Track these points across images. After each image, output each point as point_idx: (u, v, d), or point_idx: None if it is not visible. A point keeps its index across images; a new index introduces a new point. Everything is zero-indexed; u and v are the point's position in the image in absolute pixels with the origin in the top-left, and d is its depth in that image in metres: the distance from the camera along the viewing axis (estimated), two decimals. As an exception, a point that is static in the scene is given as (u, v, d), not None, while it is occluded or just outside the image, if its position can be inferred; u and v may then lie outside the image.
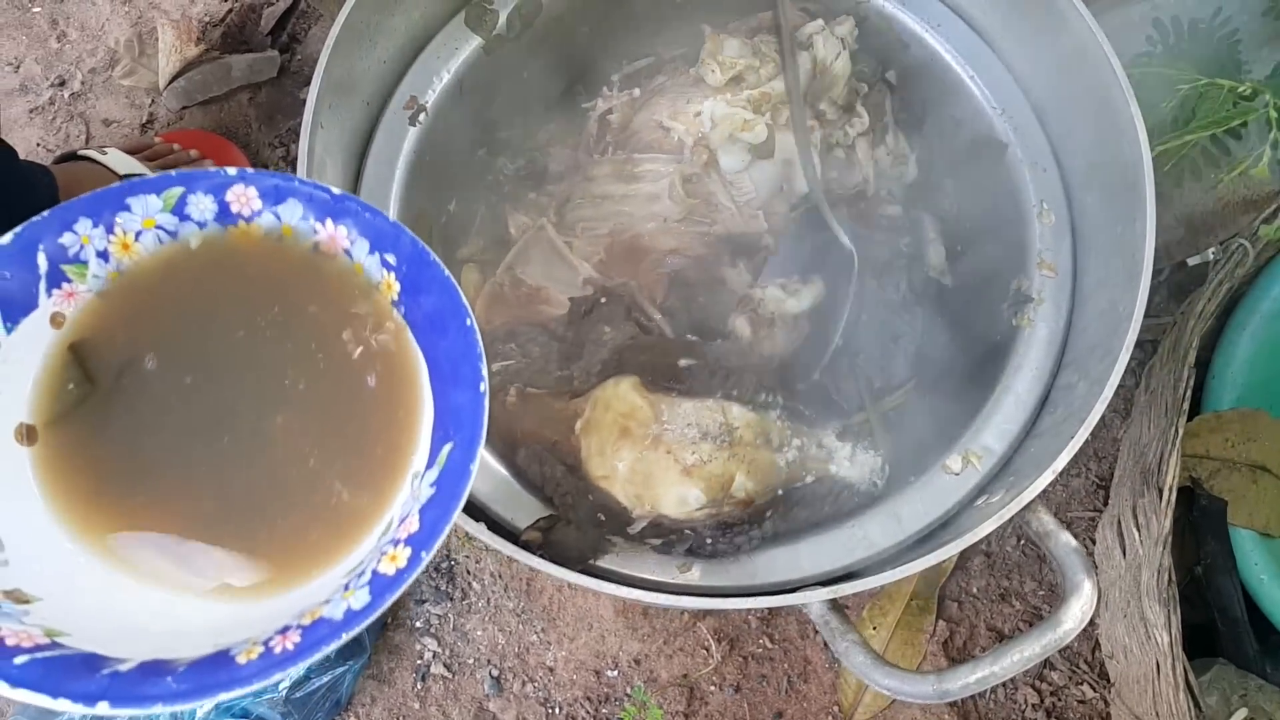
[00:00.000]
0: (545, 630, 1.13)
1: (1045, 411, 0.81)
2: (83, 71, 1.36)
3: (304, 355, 0.60)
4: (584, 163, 0.94)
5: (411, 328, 0.59)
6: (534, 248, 0.88)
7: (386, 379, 0.59)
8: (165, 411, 0.59)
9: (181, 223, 0.60)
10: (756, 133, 0.87)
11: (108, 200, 0.59)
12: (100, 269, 0.60)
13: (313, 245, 0.61)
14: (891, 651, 1.14)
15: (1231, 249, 1.00)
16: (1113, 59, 0.78)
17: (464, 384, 0.56)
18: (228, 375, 0.60)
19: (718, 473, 0.78)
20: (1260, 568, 1.01)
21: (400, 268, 0.59)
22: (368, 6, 0.82)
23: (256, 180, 0.60)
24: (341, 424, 0.59)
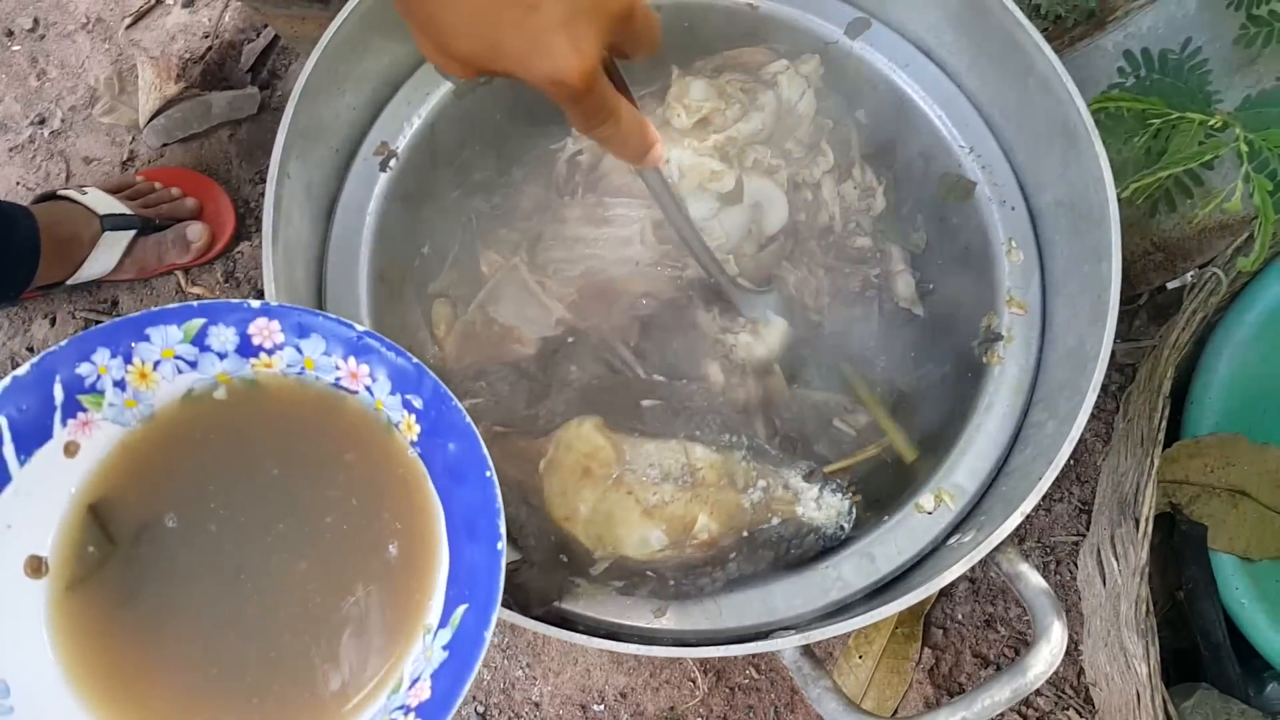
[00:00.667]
0: (530, 665, 1.13)
1: (1016, 450, 0.82)
2: (63, 109, 1.37)
3: (321, 502, 0.60)
4: (554, 204, 0.94)
5: (430, 473, 0.59)
6: (506, 287, 0.88)
7: (403, 526, 0.59)
8: (182, 573, 0.59)
9: (202, 353, 0.61)
10: (724, 183, 0.88)
11: (127, 330, 0.59)
12: (117, 398, 0.60)
13: (334, 380, 0.61)
14: (878, 680, 1.14)
15: (1205, 278, 1.00)
16: (1078, 99, 0.78)
17: (481, 539, 0.55)
18: (245, 527, 0.60)
19: (680, 514, 0.78)
20: (1241, 592, 1.01)
21: (421, 410, 0.59)
22: (336, 55, 0.82)
23: (280, 314, 0.60)
24: (356, 574, 0.59)
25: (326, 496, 0.60)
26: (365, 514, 0.60)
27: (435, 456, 0.59)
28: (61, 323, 1.26)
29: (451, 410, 0.58)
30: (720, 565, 0.78)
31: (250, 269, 1.29)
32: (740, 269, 0.91)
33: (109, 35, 1.41)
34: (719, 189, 0.88)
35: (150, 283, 1.28)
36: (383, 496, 0.60)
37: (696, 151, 0.88)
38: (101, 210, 1.19)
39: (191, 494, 0.60)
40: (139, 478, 0.60)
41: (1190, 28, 1.03)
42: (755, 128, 0.90)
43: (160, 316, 0.59)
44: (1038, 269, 0.86)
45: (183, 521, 0.59)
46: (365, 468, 0.61)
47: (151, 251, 1.23)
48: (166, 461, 0.61)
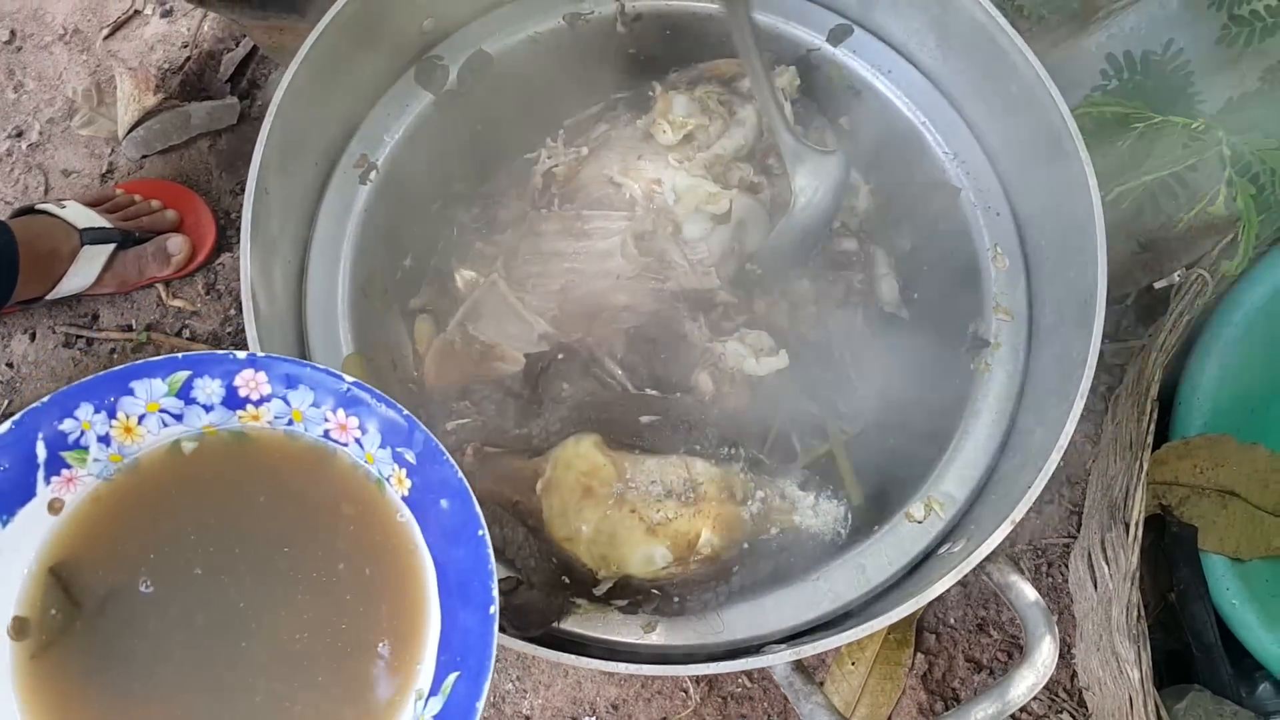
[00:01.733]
0: (520, 678, 1.12)
1: (1005, 457, 0.81)
2: (40, 122, 1.36)
3: (308, 562, 0.58)
4: (530, 217, 0.93)
5: (423, 530, 0.58)
6: (486, 303, 0.88)
7: (393, 588, 0.58)
8: (156, 640, 0.57)
9: (187, 406, 0.60)
10: (720, 205, 0.88)
11: (110, 384, 0.58)
12: (102, 453, 0.59)
13: (323, 433, 0.60)
14: (871, 687, 1.14)
15: (1191, 279, 1.00)
16: (1061, 105, 0.78)
17: (474, 603, 0.54)
18: (226, 588, 0.58)
19: (684, 530, 0.77)
20: (1232, 592, 1.01)
21: (413, 464, 0.58)
22: (314, 68, 0.81)
23: (267, 365, 0.59)
24: (343, 638, 0.57)
25: (314, 556, 0.59)
26: (354, 574, 0.58)
27: (428, 513, 0.58)
28: (41, 338, 1.25)
29: (444, 466, 0.56)
30: (724, 579, 0.78)
31: (232, 280, 1.28)
32: (722, 283, 0.90)
33: (86, 46, 1.39)
34: (715, 210, 0.88)
35: (131, 296, 1.27)
36: (373, 555, 0.58)
37: (690, 173, 0.88)
38: (81, 224, 1.18)
39: (170, 554, 0.58)
40: (112, 537, 0.59)
41: (1172, 28, 1.03)
42: (738, 144, 0.90)
43: (144, 370, 0.58)
44: (1024, 275, 0.86)
45: (158, 584, 0.58)
46: (355, 525, 0.59)
47: (132, 265, 1.22)
48: (144, 519, 0.59)
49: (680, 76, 0.95)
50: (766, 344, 0.90)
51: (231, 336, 1.25)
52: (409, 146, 0.90)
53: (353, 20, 0.81)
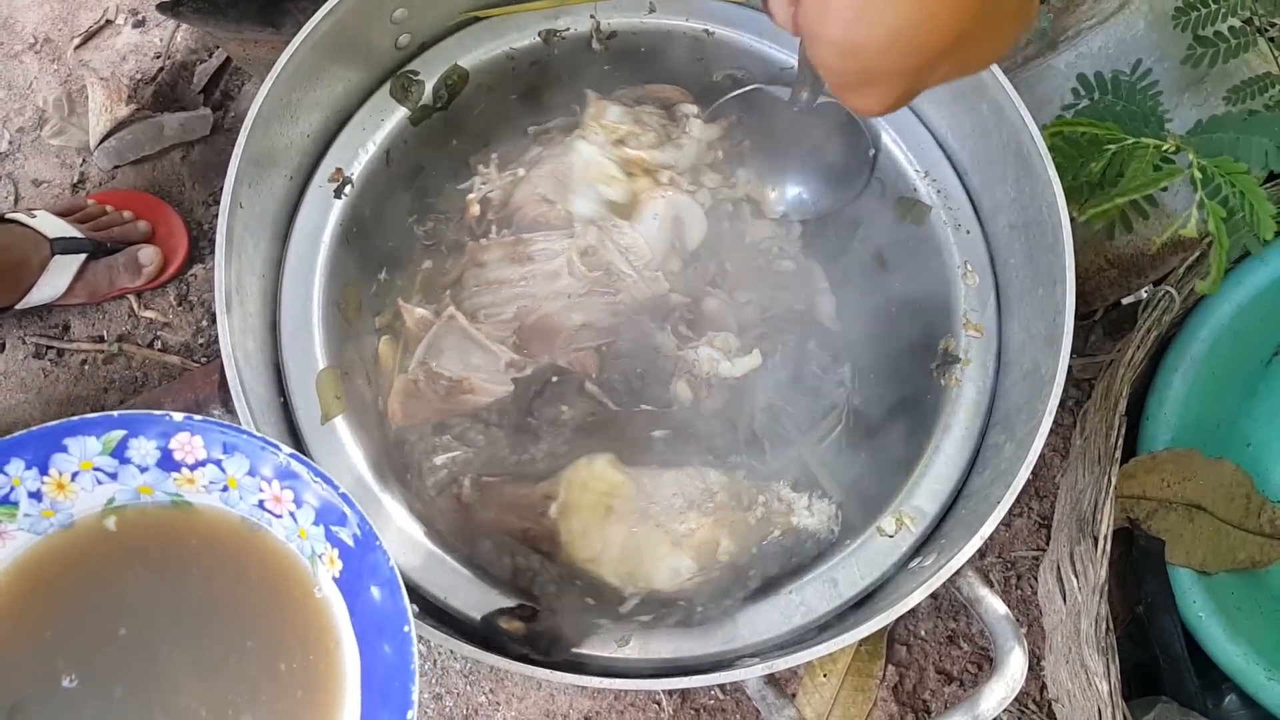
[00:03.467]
0: (494, 691, 1.12)
1: (975, 472, 0.82)
2: (10, 131, 1.34)
3: (235, 647, 0.57)
4: (470, 248, 0.92)
5: (351, 614, 0.57)
6: (445, 338, 0.87)
7: (314, 679, 0.56)
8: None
9: (121, 465, 0.58)
10: (615, 190, 0.87)
11: (43, 440, 0.57)
12: (33, 508, 0.58)
13: (258, 503, 0.59)
14: (843, 699, 1.14)
15: (1158, 296, 1.02)
16: (1030, 124, 0.79)
17: (393, 706, 0.53)
18: (147, 672, 0.56)
19: (706, 539, 0.79)
20: (1198, 605, 1.02)
21: (347, 545, 0.57)
22: (289, 82, 0.81)
23: (203, 430, 0.58)
24: (262, 710, 0.56)
25: (242, 639, 0.57)
26: (278, 660, 0.57)
27: (357, 599, 0.56)
28: (11, 349, 1.23)
29: (375, 551, 0.55)
30: (741, 584, 0.78)
31: (203, 291, 1.27)
32: (671, 285, 0.91)
33: (57, 56, 1.38)
34: (609, 194, 0.88)
35: (102, 307, 1.26)
36: (296, 643, 0.57)
37: (603, 153, 0.88)
38: (51, 233, 1.17)
39: (93, 640, 0.56)
40: (32, 623, 0.56)
41: (1139, 48, 1.05)
42: (669, 160, 0.90)
43: (79, 427, 0.57)
44: (993, 292, 0.87)
45: (79, 677, 0.56)
46: (283, 606, 0.58)
47: (103, 275, 1.21)
48: (69, 595, 0.57)
49: (625, 94, 0.96)
50: (734, 344, 0.91)
51: (204, 348, 1.24)
52: (383, 161, 0.90)
53: (328, 35, 0.81)
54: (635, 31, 0.95)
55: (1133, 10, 1.05)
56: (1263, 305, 1.04)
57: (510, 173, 0.94)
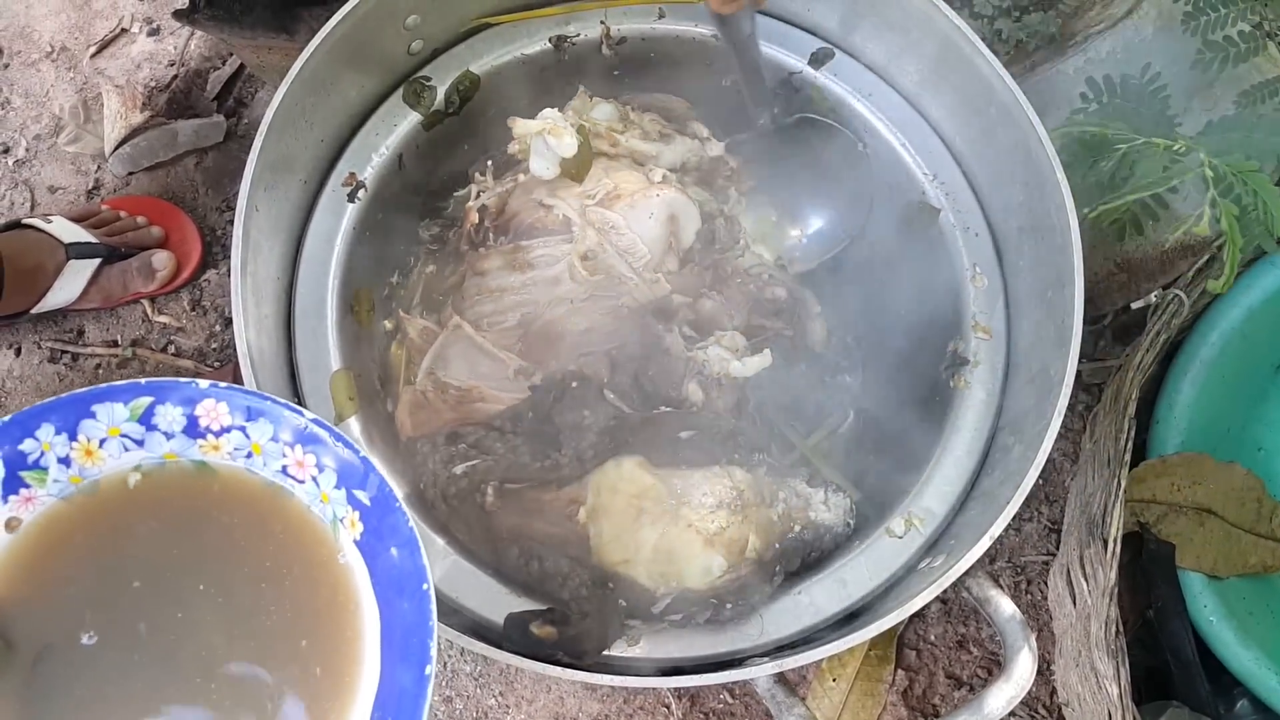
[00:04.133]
0: (503, 694, 1.12)
1: (984, 474, 0.82)
2: (27, 138, 1.36)
3: (258, 607, 0.57)
4: (470, 257, 0.93)
5: (372, 577, 0.57)
6: (452, 348, 0.87)
7: (335, 638, 0.57)
8: (88, 681, 0.56)
9: (149, 432, 0.59)
10: (565, 144, 0.87)
11: (72, 406, 0.58)
12: (62, 474, 0.58)
13: (281, 468, 0.59)
14: (852, 704, 1.14)
15: (1168, 299, 1.01)
16: (1039, 127, 0.79)
17: (412, 661, 0.53)
18: (168, 629, 0.57)
19: (735, 537, 0.79)
20: (1209, 609, 1.02)
21: (367, 507, 0.57)
22: (303, 89, 0.82)
23: (228, 396, 0.59)
24: (275, 689, 0.56)
25: (263, 600, 0.58)
26: (300, 619, 0.57)
27: (377, 560, 0.57)
28: (27, 353, 1.25)
29: (396, 513, 0.56)
30: (768, 580, 0.79)
31: (217, 297, 1.28)
32: (672, 286, 0.91)
33: (74, 64, 1.40)
34: (559, 149, 0.87)
35: (116, 311, 1.27)
36: (320, 601, 0.58)
37: (560, 113, 0.89)
38: (66, 239, 1.18)
39: (115, 594, 0.57)
40: (59, 574, 0.57)
41: (1148, 52, 1.05)
42: (646, 150, 0.91)
43: (107, 394, 0.58)
44: (1002, 294, 0.87)
45: (99, 631, 0.56)
46: (306, 569, 0.58)
47: (117, 280, 1.22)
48: (95, 551, 0.58)
49: (633, 100, 0.97)
50: (740, 343, 0.91)
51: (217, 352, 1.25)
52: (395, 166, 0.91)
53: (342, 41, 0.82)
54: (645, 37, 0.96)
55: (1141, 15, 1.05)
56: (1273, 309, 1.04)
57: (510, 179, 0.94)
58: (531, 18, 0.94)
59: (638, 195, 0.89)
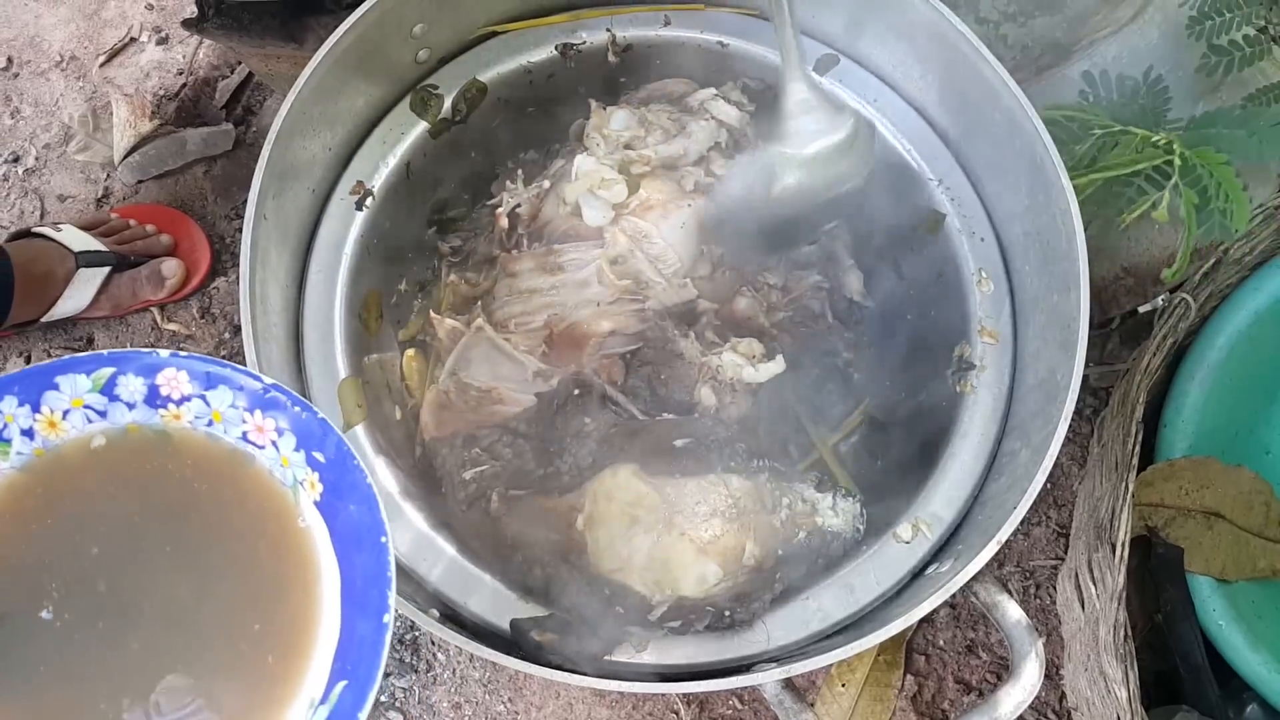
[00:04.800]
0: (512, 700, 1.12)
1: (991, 478, 0.82)
2: (37, 147, 1.37)
3: (220, 566, 0.58)
4: (502, 259, 0.94)
5: (331, 535, 0.58)
6: (474, 349, 0.87)
7: (294, 594, 0.58)
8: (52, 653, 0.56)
9: (111, 403, 0.59)
10: (614, 192, 0.88)
11: (35, 378, 0.58)
12: (25, 446, 0.59)
13: (241, 435, 0.60)
14: (861, 709, 1.14)
15: (1175, 303, 1.01)
16: (1044, 133, 0.79)
17: (370, 612, 0.54)
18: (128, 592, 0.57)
19: (731, 545, 0.79)
20: (1218, 613, 1.01)
21: (324, 466, 0.58)
22: (311, 97, 0.82)
23: (187, 365, 0.59)
24: (237, 647, 0.57)
25: (226, 564, 0.58)
26: (262, 582, 0.58)
27: (337, 518, 0.57)
28: (36, 360, 1.25)
29: (353, 470, 0.57)
30: (768, 588, 0.79)
31: (226, 304, 1.29)
32: (700, 291, 0.92)
33: (83, 73, 1.41)
34: (609, 198, 0.89)
35: (126, 320, 1.27)
36: (281, 563, 0.58)
37: (599, 161, 0.89)
38: (76, 247, 1.19)
39: (76, 560, 0.58)
40: (17, 539, 0.58)
41: (1153, 57, 1.05)
42: (676, 151, 0.91)
43: (69, 365, 0.58)
44: (1008, 299, 0.87)
45: (59, 595, 0.57)
46: (268, 532, 0.59)
47: (126, 289, 1.23)
48: (56, 517, 0.59)
49: (631, 97, 0.97)
50: (758, 350, 0.91)
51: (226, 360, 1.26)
52: (403, 174, 0.92)
53: (350, 50, 0.83)
54: (651, 44, 0.96)
55: (1146, 20, 1.05)
56: (1280, 313, 1.04)
57: (537, 186, 0.95)
58: (538, 26, 0.94)
59: (670, 205, 0.89)
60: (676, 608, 0.78)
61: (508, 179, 0.98)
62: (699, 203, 0.90)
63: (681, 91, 0.98)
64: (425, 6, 0.87)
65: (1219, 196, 0.88)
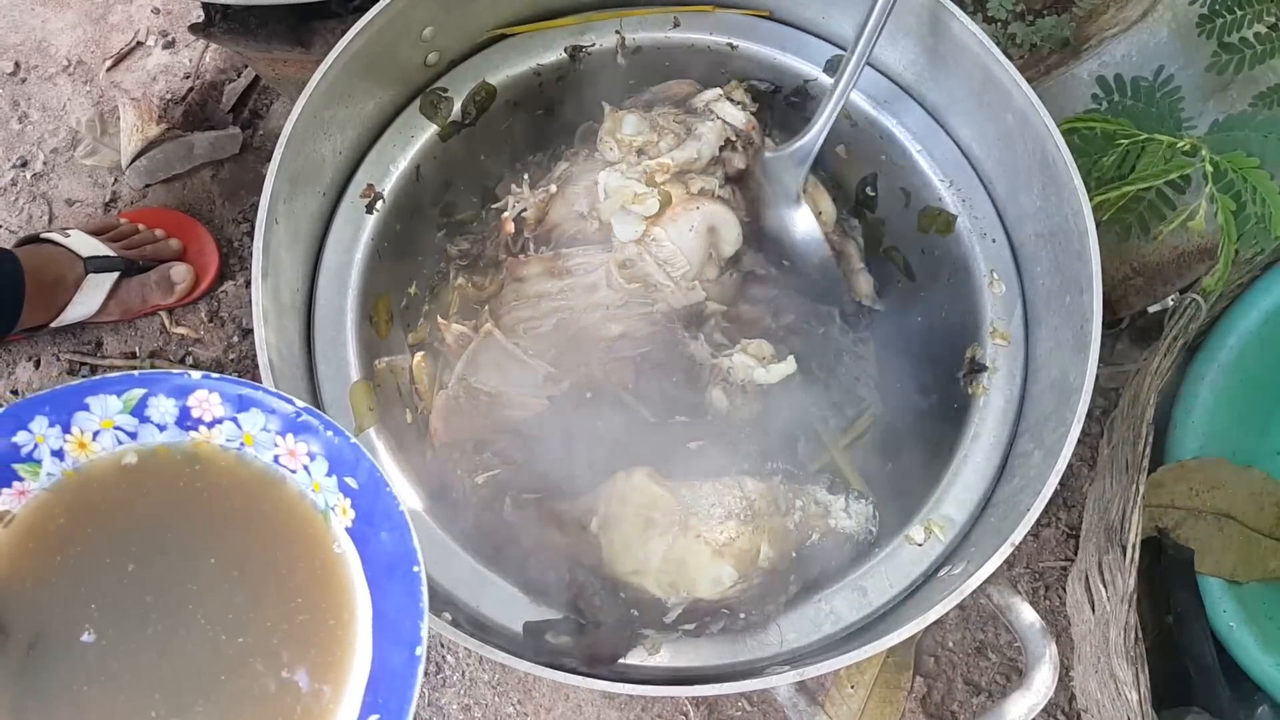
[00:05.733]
0: (521, 702, 1.12)
1: (1003, 480, 0.82)
2: (45, 152, 1.37)
3: (248, 594, 0.58)
4: (509, 264, 0.94)
5: (362, 560, 0.58)
6: (483, 354, 0.87)
7: (327, 624, 0.57)
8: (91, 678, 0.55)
9: (141, 424, 0.59)
10: (647, 205, 0.88)
11: (66, 399, 0.58)
12: (55, 467, 0.59)
13: (273, 458, 0.59)
14: (870, 711, 1.14)
15: (1185, 304, 1.01)
16: (1055, 133, 0.79)
17: (402, 643, 0.54)
18: (163, 618, 0.57)
19: (746, 547, 0.79)
20: (1229, 615, 1.01)
21: (357, 492, 0.57)
22: (322, 101, 0.82)
23: (219, 386, 0.59)
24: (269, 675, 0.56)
25: (259, 588, 0.58)
26: (295, 607, 0.57)
27: (368, 545, 0.57)
28: (46, 365, 1.25)
29: (386, 497, 0.56)
30: (783, 590, 0.79)
31: (234, 308, 1.29)
32: (708, 293, 0.92)
33: (90, 77, 1.41)
34: (642, 211, 0.89)
35: (135, 324, 1.27)
36: (314, 589, 0.58)
37: (624, 175, 0.89)
38: (85, 252, 1.19)
39: (108, 585, 0.57)
40: (50, 563, 0.57)
41: (1163, 55, 1.05)
42: (690, 156, 0.91)
43: (100, 386, 0.58)
44: (1020, 300, 0.87)
45: (97, 622, 0.56)
46: (300, 557, 0.58)
47: (135, 293, 1.23)
48: (88, 541, 0.58)
49: (635, 100, 0.97)
50: (767, 351, 0.92)
51: (235, 363, 1.26)
52: (413, 177, 0.91)
53: (359, 54, 0.83)
54: (660, 46, 0.96)
55: (1156, 18, 1.05)
56: (1290, 313, 1.04)
57: (543, 190, 0.95)
58: (547, 28, 0.94)
59: (679, 208, 0.89)
60: (691, 610, 0.78)
61: (513, 182, 0.98)
62: (708, 206, 0.90)
63: (686, 93, 0.98)
64: (434, 9, 0.87)
65: (1255, 202, 0.87)
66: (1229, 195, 0.87)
